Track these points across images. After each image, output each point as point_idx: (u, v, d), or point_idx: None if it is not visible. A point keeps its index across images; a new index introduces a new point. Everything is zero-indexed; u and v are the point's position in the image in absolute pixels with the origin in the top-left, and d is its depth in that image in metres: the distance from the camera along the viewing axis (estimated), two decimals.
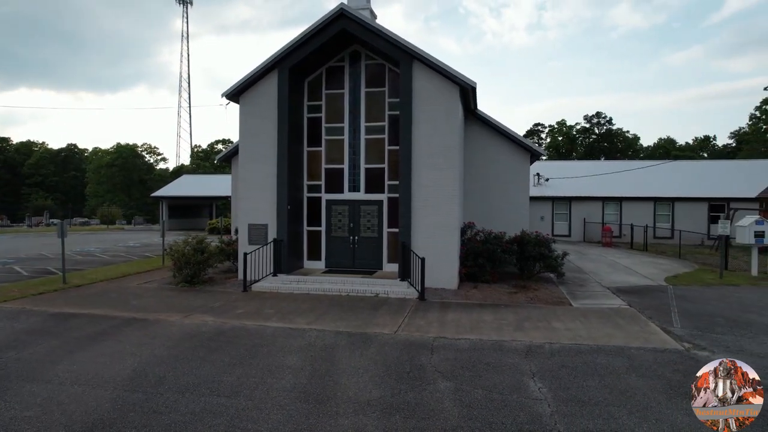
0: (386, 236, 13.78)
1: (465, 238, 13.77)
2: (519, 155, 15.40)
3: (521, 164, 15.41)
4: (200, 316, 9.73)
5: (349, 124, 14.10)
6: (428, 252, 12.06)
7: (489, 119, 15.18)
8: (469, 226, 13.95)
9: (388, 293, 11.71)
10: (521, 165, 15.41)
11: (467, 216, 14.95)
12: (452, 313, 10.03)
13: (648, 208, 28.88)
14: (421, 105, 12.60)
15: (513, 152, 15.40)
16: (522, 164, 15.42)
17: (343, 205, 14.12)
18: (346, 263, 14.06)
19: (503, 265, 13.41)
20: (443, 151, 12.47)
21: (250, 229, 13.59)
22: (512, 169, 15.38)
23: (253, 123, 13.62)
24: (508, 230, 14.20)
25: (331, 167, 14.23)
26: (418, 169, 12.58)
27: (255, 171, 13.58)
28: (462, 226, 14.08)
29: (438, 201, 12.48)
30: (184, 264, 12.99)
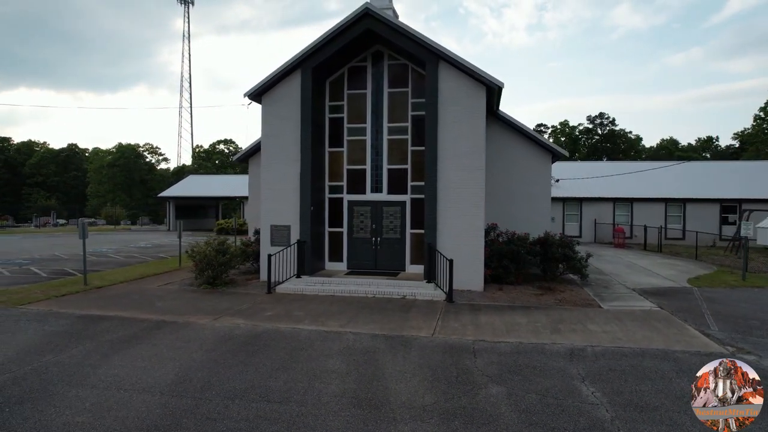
0: (409, 237, 13.67)
1: (488, 240, 13.67)
2: (540, 156, 15.30)
3: (542, 165, 15.31)
4: (230, 318, 9.62)
5: (372, 125, 13.99)
6: (454, 253, 11.95)
7: (510, 119, 15.08)
8: (492, 227, 13.84)
9: (415, 295, 11.59)
10: (542, 166, 15.31)
11: (488, 217, 14.85)
12: (484, 316, 9.92)
13: (659, 209, 28.81)
14: (447, 105, 12.50)
15: (534, 153, 15.29)
16: (543, 165, 15.32)
17: (365, 206, 14.01)
18: (368, 264, 13.94)
19: (527, 266, 13.31)
20: (469, 152, 12.37)
21: (272, 230, 13.47)
22: (533, 169, 15.28)
23: (275, 123, 13.51)
24: (529, 232, 14.09)
25: (353, 168, 14.13)
26: (443, 171, 12.48)
27: (277, 172, 13.47)
28: (485, 228, 13.98)
29: (464, 202, 12.37)
30: (206, 265, 12.87)
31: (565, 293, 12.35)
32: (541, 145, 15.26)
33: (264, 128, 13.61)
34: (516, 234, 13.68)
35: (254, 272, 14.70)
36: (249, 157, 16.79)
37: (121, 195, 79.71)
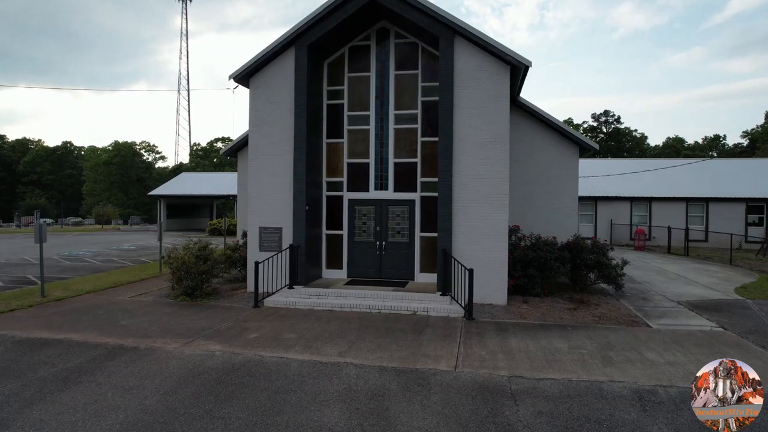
0: (419, 242, 11.90)
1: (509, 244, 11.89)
2: (566, 148, 13.53)
3: (569, 159, 13.55)
4: (204, 343, 7.85)
5: (376, 112, 12.21)
6: (472, 261, 10.20)
7: (532, 107, 13.31)
8: (513, 229, 12.07)
9: (427, 311, 9.83)
10: (569, 159, 13.54)
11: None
12: (514, 339, 8.16)
13: (679, 209, 27.04)
14: (464, 88, 10.73)
15: (559, 145, 13.53)
16: (569, 159, 13.55)
17: (368, 206, 12.24)
18: (372, 273, 12.18)
19: (555, 275, 11.54)
20: (491, 143, 10.60)
21: (261, 233, 11.70)
22: (558, 164, 13.53)
23: (265, 110, 11.73)
24: (553, 235, 12.33)
25: (355, 162, 12.35)
26: (460, 164, 10.71)
27: (267, 165, 11.70)
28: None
29: (484, 201, 10.61)
30: (185, 274, 11.10)
31: (601, 307, 10.59)
32: (566, 136, 13.49)
33: (252, 115, 11.83)
34: (541, 238, 11.91)
35: (242, 280, 12.94)
36: (238, 151, 15.02)
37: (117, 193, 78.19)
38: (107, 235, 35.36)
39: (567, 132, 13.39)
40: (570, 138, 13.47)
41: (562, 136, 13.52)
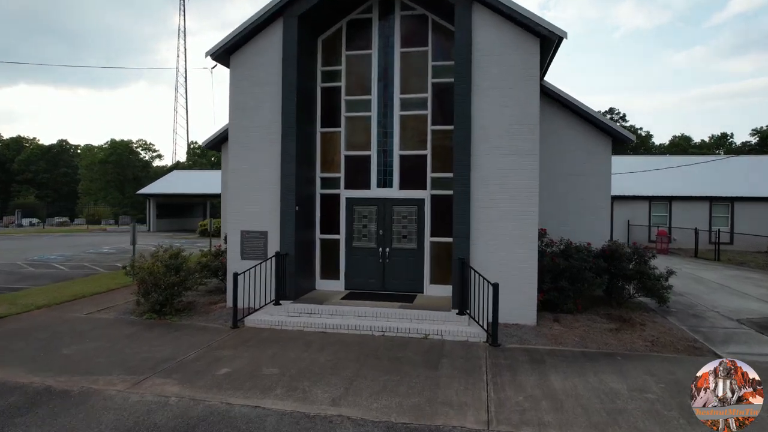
0: (429, 248, 10.15)
1: None
2: (596, 140, 11.77)
3: (600, 152, 11.79)
4: (160, 382, 6.10)
5: (378, 97, 10.46)
6: (495, 272, 8.47)
7: (557, 92, 11.55)
8: (540, 233, 10.31)
9: (442, 334, 8.08)
10: (600, 152, 11.78)
11: None
12: (556, 375, 6.41)
13: (702, 209, 25.26)
14: (484, 66, 8.98)
15: (588, 136, 11.77)
16: (601, 152, 11.79)
17: (369, 206, 10.49)
18: (374, 285, 10.42)
19: (591, 288, 9.77)
20: (517, 130, 8.84)
21: (243, 238, 9.94)
22: (587, 158, 11.77)
23: (248, 93, 9.98)
24: (583, 239, 10.59)
25: (354, 154, 10.59)
26: (480, 156, 8.96)
27: (250, 158, 9.95)
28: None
29: (510, 200, 8.86)
30: (152, 287, 9.36)
31: (648, 328, 8.85)
32: (597, 126, 11.72)
33: (233, 99, 10.08)
34: (572, 243, 10.16)
35: (223, 291, 11.17)
36: (222, 143, 13.27)
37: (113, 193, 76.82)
38: (90, 237, 33.28)
39: (598, 121, 11.62)
40: (602, 128, 11.70)
41: (592, 125, 11.75)
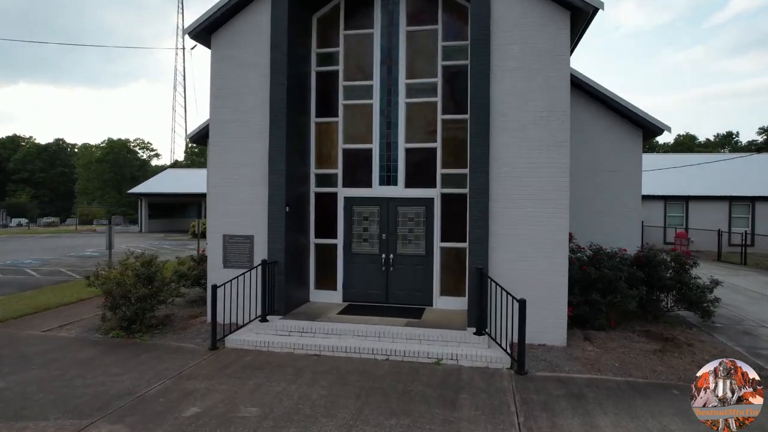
0: (438, 254, 8.88)
1: None
2: (626, 132, 10.50)
3: (630, 146, 10.53)
4: (106, 430, 4.83)
5: (381, 82, 9.19)
6: (518, 283, 7.22)
7: (580, 78, 10.26)
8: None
9: (458, 359, 6.81)
10: (630, 146, 10.52)
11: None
12: (604, 418, 5.14)
13: (720, 209, 23.99)
14: (505, 43, 7.70)
15: (616, 128, 10.51)
16: (631, 146, 10.53)
17: (370, 206, 9.22)
18: (376, 296, 9.16)
19: (625, 301, 8.48)
20: (544, 118, 7.57)
21: (226, 243, 8.68)
22: (616, 152, 10.51)
23: (232, 76, 8.72)
24: (610, 243, 9.33)
25: (353, 148, 9.32)
26: (500, 148, 7.68)
27: (234, 152, 8.69)
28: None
29: (535, 199, 7.59)
30: (121, 299, 8.10)
31: (696, 348, 7.58)
32: (627, 116, 10.45)
33: (214, 83, 8.81)
34: (602, 249, 8.89)
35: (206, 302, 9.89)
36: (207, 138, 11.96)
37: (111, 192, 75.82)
38: (76, 238, 31.58)
39: (628, 110, 10.33)
40: (631, 118, 10.42)
41: (620, 115, 10.48)
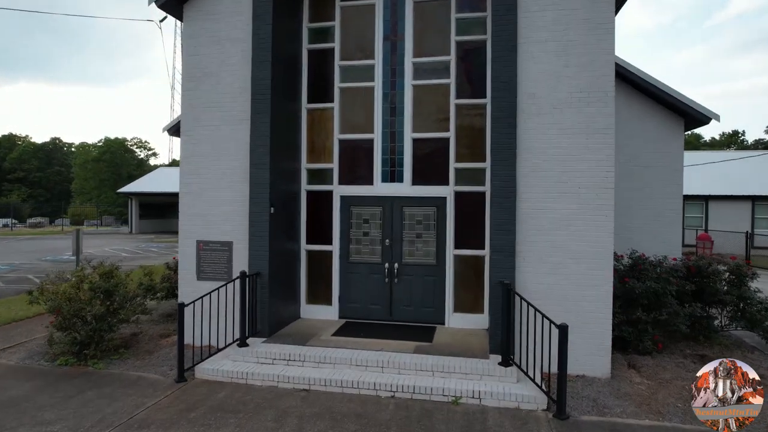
0: (452, 264, 7.52)
1: None
2: (664, 122, 9.16)
3: (669, 136, 9.19)
4: None
5: (384, 61, 7.84)
6: (551, 301, 5.90)
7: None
8: None
9: (480, 396, 5.45)
10: (669, 138, 9.18)
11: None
12: None
13: (741, 209, 22.66)
14: (534, 8, 6.35)
15: (654, 117, 9.16)
16: (670, 138, 9.19)
17: (372, 207, 7.87)
18: (378, 312, 7.81)
19: (676, 319, 7.11)
20: (584, 98, 6.22)
21: (200, 251, 7.32)
22: (651, 144, 9.18)
23: (207, 53, 7.37)
24: (645, 250, 7.98)
25: (352, 138, 7.97)
26: (528, 136, 6.33)
27: (209, 143, 7.34)
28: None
29: (572, 198, 6.24)
30: (73, 318, 6.76)
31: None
32: (666, 103, 9.10)
33: (187, 62, 7.45)
34: (644, 258, 7.53)
35: None
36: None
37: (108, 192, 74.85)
38: (59, 240, 29.43)
39: (666, 95, 8.97)
40: (671, 105, 9.07)
41: (657, 102, 9.14)
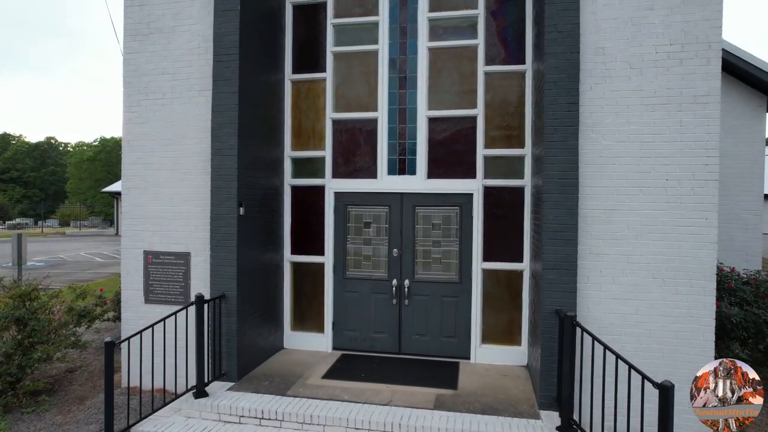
0: (479, 280, 5.73)
1: None
2: (742, 100, 7.37)
3: (748, 119, 7.39)
4: None
5: (392, 18, 6.04)
6: (626, 336, 4.18)
7: None
8: None
9: None
10: (748, 120, 7.38)
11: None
12: None
13: None
14: None
15: (727, 94, 7.34)
16: (750, 119, 7.39)
17: (375, 206, 6.08)
18: (383, 342, 6.02)
19: None
20: (678, 54, 4.43)
21: (148, 265, 5.54)
22: (726, 130, 7.36)
23: (158, 2, 5.58)
24: (721, 259, 6.20)
25: (349, 118, 6.16)
26: (596, 108, 4.54)
27: (160, 121, 5.56)
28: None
29: (659, 195, 4.45)
30: None
31: None
32: (739, 75, 7.30)
33: (130, 14, 5.65)
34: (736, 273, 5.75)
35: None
36: None
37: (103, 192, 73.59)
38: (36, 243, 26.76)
39: (746, 67, 7.16)
40: (751, 80, 7.26)
41: (731, 75, 7.34)
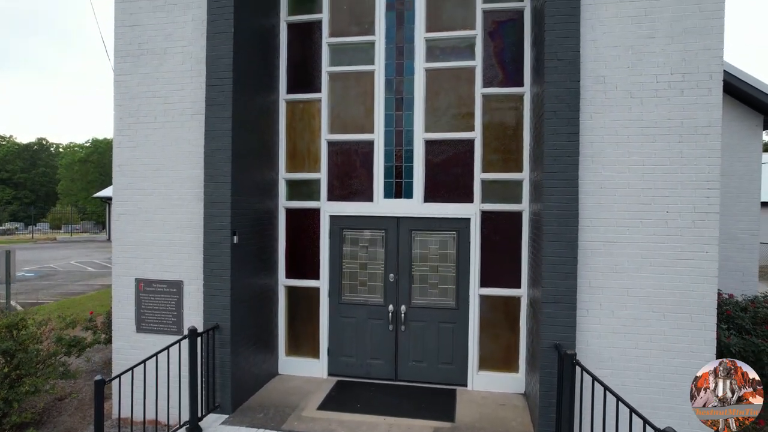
0: (477, 306, 5.66)
1: None
2: (737, 119, 7.35)
3: (743, 138, 7.37)
4: None
5: (388, 38, 5.95)
6: (625, 371, 4.10)
7: None
8: None
9: None
10: (743, 139, 7.37)
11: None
12: None
13: None
14: None
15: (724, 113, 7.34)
16: (744, 137, 7.38)
17: (371, 230, 5.99)
18: (380, 369, 5.93)
19: None
20: (678, 84, 4.38)
21: (140, 293, 5.41)
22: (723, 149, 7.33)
23: (148, 23, 5.46)
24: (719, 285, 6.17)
25: (345, 140, 6.07)
26: (596, 137, 4.48)
27: (151, 146, 5.43)
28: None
29: (660, 227, 4.39)
30: None
31: None
32: (735, 94, 7.29)
33: (121, 35, 5.52)
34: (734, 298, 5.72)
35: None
36: None
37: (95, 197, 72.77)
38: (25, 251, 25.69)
39: (741, 86, 7.15)
40: (746, 98, 7.25)
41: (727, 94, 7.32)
